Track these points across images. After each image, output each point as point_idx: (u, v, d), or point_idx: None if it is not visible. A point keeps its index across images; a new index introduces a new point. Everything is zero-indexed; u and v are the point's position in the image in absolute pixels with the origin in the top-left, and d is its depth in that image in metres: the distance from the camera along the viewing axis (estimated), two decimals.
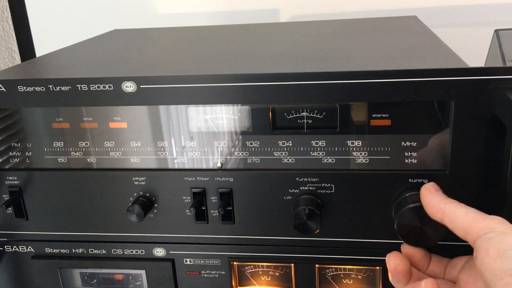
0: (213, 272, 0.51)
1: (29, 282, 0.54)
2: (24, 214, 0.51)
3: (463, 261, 0.42)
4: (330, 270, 0.49)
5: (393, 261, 0.41)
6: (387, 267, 0.42)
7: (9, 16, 1.04)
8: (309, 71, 0.42)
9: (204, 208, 0.47)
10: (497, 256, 0.32)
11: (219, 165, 0.47)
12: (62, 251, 0.52)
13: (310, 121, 0.45)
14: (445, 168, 0.42)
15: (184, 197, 0.47)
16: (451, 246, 0.43)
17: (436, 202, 0.38)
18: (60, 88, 0.45)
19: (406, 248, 0.43)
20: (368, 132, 0.44)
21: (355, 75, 0.41)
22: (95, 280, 0.53)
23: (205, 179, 0.46)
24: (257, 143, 0.46)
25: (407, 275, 0.41)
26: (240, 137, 0.46)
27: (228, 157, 0.47)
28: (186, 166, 0.48)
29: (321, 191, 0.45)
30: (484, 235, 0.33)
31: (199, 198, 0.47)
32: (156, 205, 0.48)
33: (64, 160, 0.49)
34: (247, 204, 0.47)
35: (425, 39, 0.57)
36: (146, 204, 0.47)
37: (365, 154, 0.44)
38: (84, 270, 0.53)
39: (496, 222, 0.34)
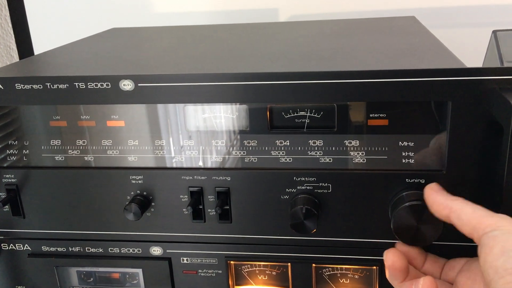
0: (210, 271, 0.51)
1: (25, 281, 0.54)
2: (21, 212, 0.51)
3: (461, 263, 0.42)
4: (327, 269, 0.49)
5: (390, 257, 0.41)
6: (385, 263, 0.42)
7: (8, 14, 1.03)
8: (307, 71, 0.42)
9: (201, 207, 0.47)
10: (500, 254, 0.32)
11: (200, 163, 0.47)
12: (59, 249, 0.52)
13: (308, 121, 0.45)
14: (442, 168, 0.42)
15: (181, 196, 0.47)
16: (447, 246, 0.44)
17: (442, 200, 0.38)
18: (57, 86, 0.44)
19: (401, 245, 0.43)
20: (365, 132, 0.44)
21: (353, 74, 0.41)
22: (91, 279, 0.53)
23: (202, 178, 0.46)
24: (255, 142, 0.46)
25: (404, 272, 0.41)
26: (238, 136, 0.46)
27: (226, 156, 0.47)
28: (184, 165, 0.48)
29: (319, 191, 0.45)
30: (490, 232, 0.33)
31: (196, 197, 0.47)
32: (153, 203, 0.48)
33: (62, 158, 0.49)
34: (245, 203, 0.47)
35: (423, 40, 0.57)
36: (143, 202, 0.47)
37: (362, 154, 0.44)
38: (81, 269, 0.53)
39: (503, 220, 0.34)
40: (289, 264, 0.49)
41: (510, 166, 0.37)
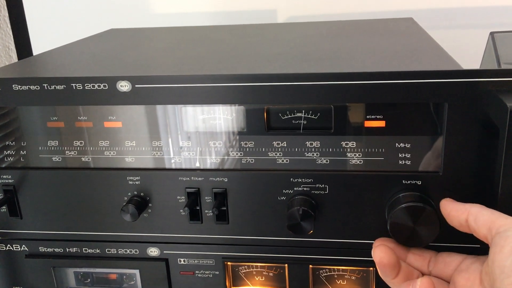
0: (207, 272, 0.51)
1: (23, 281, 0.54)
2: (18, 213, 0.51)
3: (457, 260, 0.41)
4: (324, 270, 0.49)
5: (378, 254, 0.41)
6: (374, 260, 0.42)
7: (7, 14, 1.03)
8: (304, 72, 0.42)
9: (198, 208, 0.47)
10: (509, 254, 0.32)
11: (197, 164, 0.47)
12: (56, 250, 0.52)
13: (305, 122, 0.45)
14: (438, 170, 0.42)
15: (178, 197, 0.47)
16: (443, 248, 0.44)
17: (460, 206, 0.39)
18: (54, 87, 0.45)
19: (384, 240, 0.43)
20: (362, 133, 0.44)
21: (350, 76, 0.41)
22: (89, 280, 0.53)
23: (199, 179, 0.47)
24: (252, 143, 0.46)
25: (393, 268, 0.41)
26: (235, 137, 0.46)
27: (223, 157, 0.47)
28: (181, 166, 0.48)
29: (315, 192, 0.45)
30: (503, 232, 0.34)
31: (194, 198, 0.47)
32: (150, 204, 0.48)
33: (59, 159, 0.49)
34: (242, 204, 0.47)
35: (421, 41, 0.57)
36: (140, 203, 0.47)
37: (359, 155, 0.44)
38: (78, 270, 0.53)
39: None
40: (286, 265, 0.49)
41: (506, 168, 0.37)
